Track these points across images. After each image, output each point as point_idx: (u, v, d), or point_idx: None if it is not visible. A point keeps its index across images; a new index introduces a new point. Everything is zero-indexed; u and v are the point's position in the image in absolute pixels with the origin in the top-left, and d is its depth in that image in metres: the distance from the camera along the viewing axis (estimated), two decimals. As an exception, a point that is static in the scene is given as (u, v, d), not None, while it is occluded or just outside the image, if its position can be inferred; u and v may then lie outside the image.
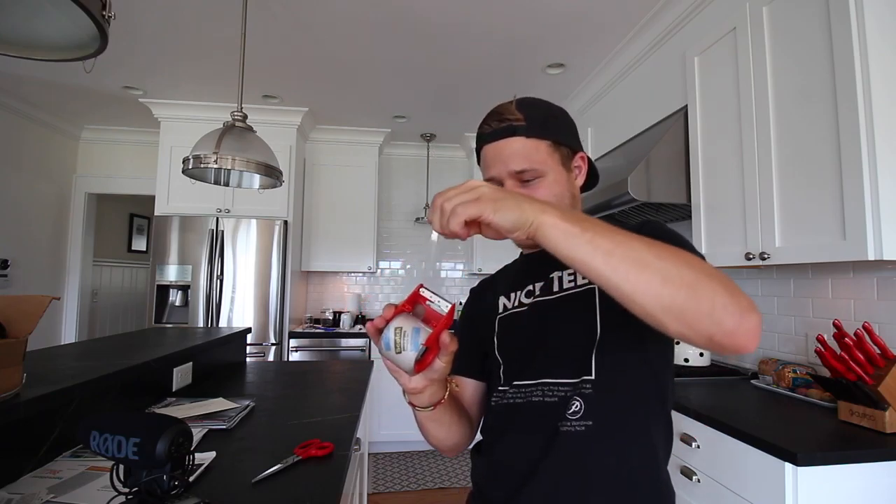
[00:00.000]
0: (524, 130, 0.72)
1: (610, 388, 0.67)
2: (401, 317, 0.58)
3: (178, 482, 0.68)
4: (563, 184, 0.75)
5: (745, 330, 0.48)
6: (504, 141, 0.73)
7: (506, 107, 0.75)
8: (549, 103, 0.79)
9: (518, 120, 0.72)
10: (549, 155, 0.73)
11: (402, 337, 0.56)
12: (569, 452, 0.66)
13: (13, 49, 0.96)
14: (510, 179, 0.73)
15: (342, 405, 1.47)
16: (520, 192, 0.63)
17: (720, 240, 1.75)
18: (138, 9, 2.19)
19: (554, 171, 0.73)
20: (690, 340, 0.50)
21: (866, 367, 1.22)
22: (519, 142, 0.72)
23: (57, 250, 3.78)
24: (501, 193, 0.53)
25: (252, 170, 1.74)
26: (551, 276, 0.77)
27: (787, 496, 1.06)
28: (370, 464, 3.26)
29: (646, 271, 0.48)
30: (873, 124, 1.20)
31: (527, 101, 0.76)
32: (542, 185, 0.72)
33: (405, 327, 0.57)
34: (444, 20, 2.27)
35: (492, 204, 0.51)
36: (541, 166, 0.72)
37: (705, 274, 0.49)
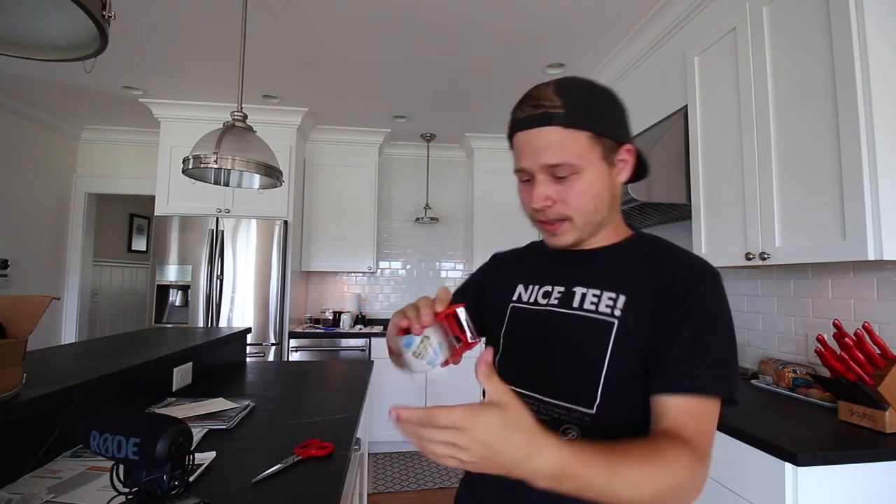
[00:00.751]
0: (561, 119, 0.63)
1: (610, 426, 0.65)
2: (434, 326, 0.59)
3: (178, 482, 0.68)
4: (601, 181, 0.66)
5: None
6: (538, 130, 0.64)
7: (543, 90, 0.65)
8: (595, 85, 0.68)
9: (555, 106, 0.63)
10: (589, 148, 0.64)
11: (426, 347, 0.58)
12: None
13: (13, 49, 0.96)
14: (542, 174, 0.65)
15: (342, 405, 1.47)
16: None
17: (720, 240, 1.75)
18: (138, 9, 2.19)
19: (593, 166, 0.65)
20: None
21: (866, 367, 1.22)
22: (555, 132, 0.63)
23: (57, 250, 3.79)
24: (487, 452, 0.47)
25: (252, 170, 1.74)
26: (574, 289, 0.71)
27: (787, 496, 1.06)
28: (370, 464, 3.26)
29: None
30: (873, 124, 1.20)
31: (568, 84, 0.66)
32: (578, 182, 0.65)
33: (432, 339, 0.59)
34: (444, 20, 2.27)
35: (483, 468, 0.48)
36: (578, 160, 0.64)
37: (675, 494, 0.54)
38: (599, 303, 0.68)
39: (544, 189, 0.66)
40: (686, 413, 0.59)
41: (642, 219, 2.42)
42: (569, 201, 0.66)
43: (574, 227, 0.68)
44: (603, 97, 0.68)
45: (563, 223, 0.68)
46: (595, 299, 0.69)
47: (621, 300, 0.67)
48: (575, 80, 0.68)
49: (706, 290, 0.64)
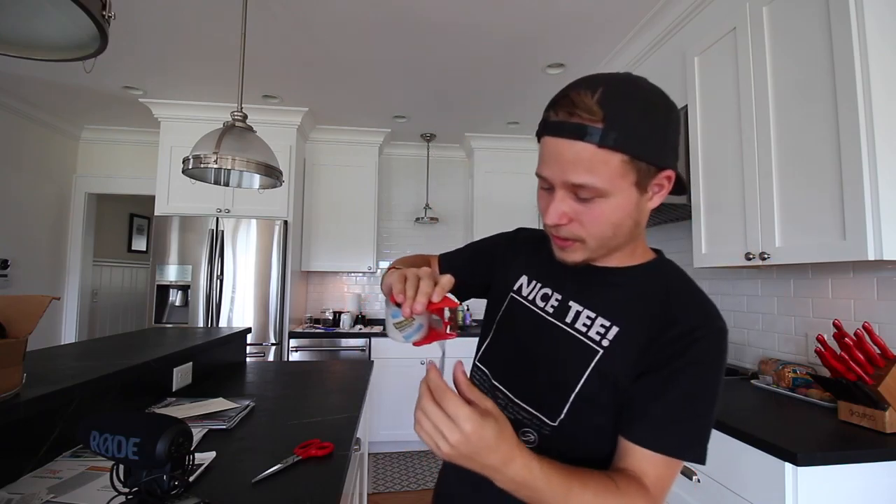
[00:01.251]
0: (598, 136, 0.55)
1: (567, 440, 0.65)
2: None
3: (178, 482, 0.68)
4: (626, 210, 0.60)
5: None
6: (568, 142, 0.56)
7: (584, 97, 0.55)
8: (649, 98, 0.58)
9: (594, 120, 0.55)
10: (621, 174, 0.57)
11: (409, 325, 0.63)
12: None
13: (13, 49, 0.96)
14: (563, 189, 0.59)
15: (342, 405, 1.47)
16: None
17: (720, 240, 1.75)
18: (138, 9, 2.19)
19: (621, 192, 0.58)
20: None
21: (866, 367, 1.22)
22: (587, 150, 0.55)
23: (57, 250, 3.79)
24: (459, 456, 0.51)
25: (252, 170, 1.74)
26: (571, 303, 0.69)
27: (787, 496, 1.06)
28: (370, 464, 3.26)
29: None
30: (873, 124, 1.20)
31: (617, 93, 0.56)
32: (601, 206, 0.58)
33: (416, 321, 0.63)
34: (444, 20, 2.27)
35: (447, 458, 0.52)
36: (605, 185, 0.57)
37: None
38: (591, 327, 0.66)
39: (562, 206, 0.60)
40: (651, 465, 0.59)
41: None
42: (585, 224, 0.61)
43: (586, 248, 0.63)
44: (655, 113, 0.58)
45: (574, 243, 0.63)
46: (588, 321, 0.67)
47: (613, 331, 0.65)
48: (626, 83, 0.58)
49: (708, 350, 0.61)
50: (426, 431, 0.51)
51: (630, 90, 0.57)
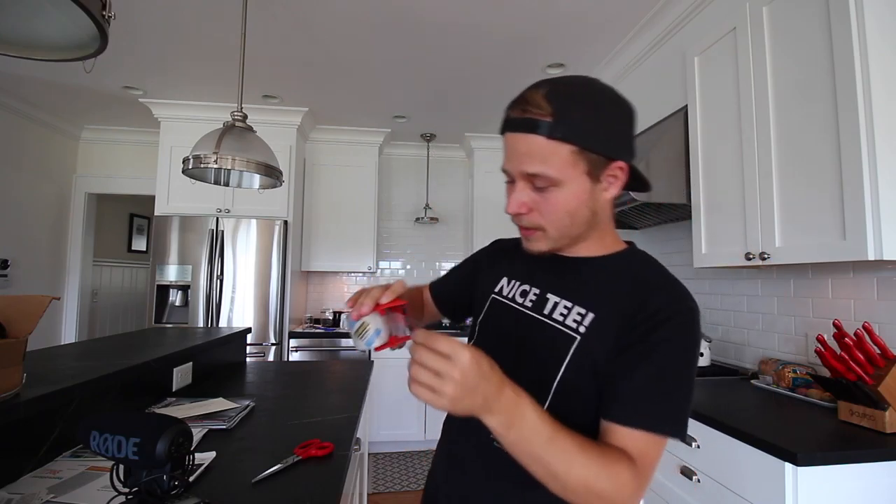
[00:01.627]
0: (547, 129, 0.59)
1: None
2: (373, 315, 0.66)
3: (178, 482, 0.68)
4: (580, 198, 0.64)
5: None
6: (522, 136, 0.62)
7: (534, 93, 0.61)
8: (597, 92, 0.63)
9: (543, 114, 0.60)
10: (572, 163, 0.61)
11: (365, 331, 0.66)
12: (496, 470, 0.69)
13: (13, 49, 0.96)
14: (522, 181, 0.65)
15: (342, 405, 1.47)
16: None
17: (720, 240, 1.75)
18: (138, 9, 2.19)
19: (574, 181, 0.62)
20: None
21: (866, 367, 1.22)
22: (538, 141, 0.60)
23: (57, 250, 3.79)
24: (464, 395, 0.52)
25: (252, 170, 1.74)
26: (548, 295, 0.72)
27: (787, 496, 1.06)
28: (370, 464, 3.26)
29: (552, 481, 0.56)
30: (873, 124, 1.20)
31: (564, 89, 0.62)
32: (556, 195, 0.63)
33: (370, 326, 0.66)
34: (444, 20, 2.27)
35: (446, 405, 0.53)
36: (557, 174, 0.61)
37: (600, 498, 0.56)
38: (568, 315, 0.68)
39: (521, 196, 0.65)
40: (631, 442, 0.60)
41: (642, 219, 2.42)
42: (544, 212, 0.65)
43: (547, 237, 0.67)
44: (603, 107, 0.63)
45: (535, 231, 0.68)
46: (565, 311, 0.69)
47: (589, 317, 0.66)
48: (575, 83, 0.63)
49: (679, 326, 0.62)
50: (425, 382, 0.52)
51: (579, 88, 0.63)
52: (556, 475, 0.55)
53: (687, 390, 0.63)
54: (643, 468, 0.59)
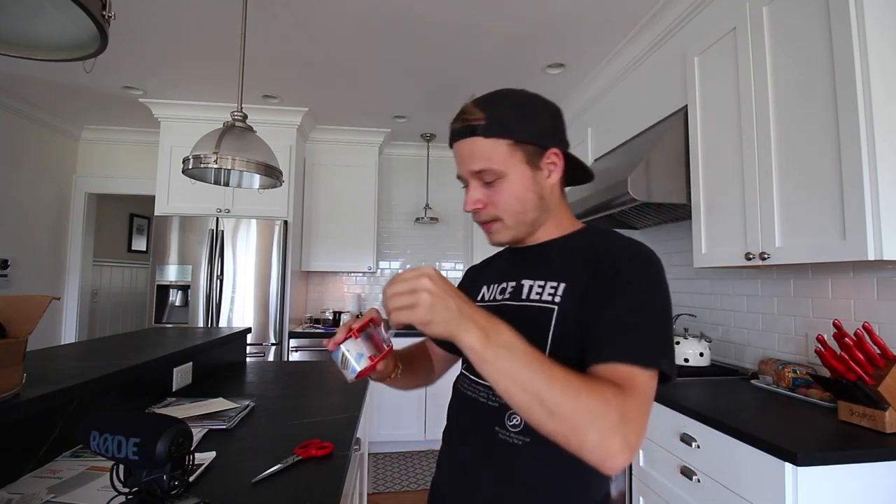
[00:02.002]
0: (483, 130, 0.70)
1: None
2: (350, 341, 0.69)
3: (178, 482, 0.68)
4: (525, 184, 0.72)
5: (607, 467, 0.55)
6: (464, 141, 0.73)
7: (468, 105, 0.73)
8: (521, 97, 0.74)
9: (477, 119, 0.70)
10: (509, 155, 0.71)
11: (347, 360, 0.69)
12: (504, 462, 0.70)
13: (13, 49, 0.96)
14: (472, 179, 0.74)
15: (342, 405, 1.47)
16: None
17: (720, 240, 1.75)
18: (138, 9, 2.19)
19: (516, 171, 0.71)
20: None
21: (866, 367, 1.22)
22: (477, 142, 0.71)
23: (57, 250, 3.79)
24: (438, 299, 0.55)
25: (252, 170, 1.74)
26: (523, 282, 0.77)
27: (787, 496, 1.06)
28: (370, 464, 3.26)
29: (534, 408, 0.55)
30: (873, 124, 1.20)
31: (491, 99, 0.73)
32: (504, 186, 0.72)
33: (351, 352, 0.69)
34: (444, 20, 2.27)
35: (424, 314, 0.55)
36: (499, 167, 0.71)
37: (586, 417, 0.54)
38: (543, 292, 0.73)
39: (475, 194, 0.74)
40: (615, 376, 0.59)
41: (642, 219, 2.42)
42: (496, 203, 0.73)
43: (505, 226, 0.75)
44: (528, 107, 0.73)
45: (494, 223, 0.75)
46: (540, 289, 0.73)
47: (562, 287, 0.71)
48: (502, 93, 0.74)
49: (637, 270, 0.67)
50: (401, 304, 0.56)
51: (505, 95, 0.74)
52: (538, 393, 0.54)
53: (661, 319, 0.64)
54: (631, 392, 0.57)
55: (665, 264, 0.72)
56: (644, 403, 0.59)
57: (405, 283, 0.56)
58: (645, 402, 0.59)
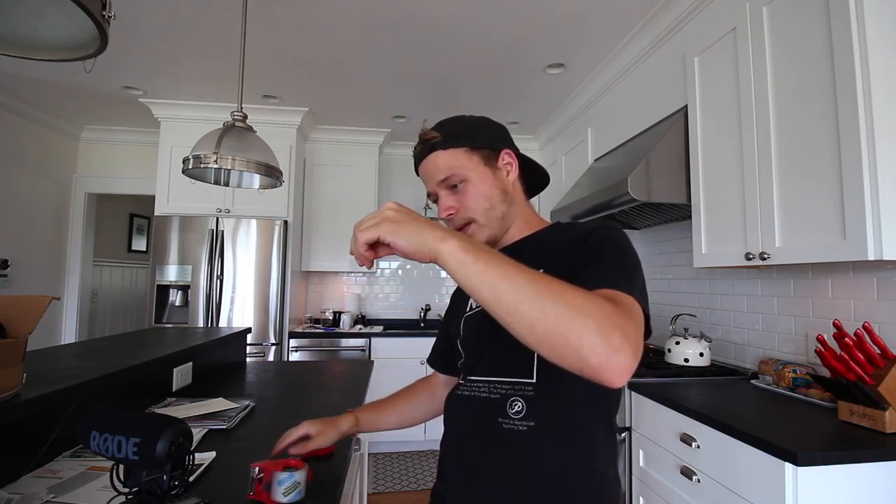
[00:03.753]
0: (441, 144, 0.80)
1: (551, 393, 0.71)
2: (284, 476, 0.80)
3: (178, 482, 0.68)
4: (488, 182, 0.80)
5: (611, 368, 0.48)
6: (427, 159, 0.81)
7: (423, 130, 0.82)
8: (469, 117, 0.85)
9: (434, 137, 0.80)
10: (468, 159, 0.80)
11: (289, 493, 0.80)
12: (510, 450, 0.71)
13: (13, 49, 0.96)
14: (441, 190, 0.81)
15: (342, 405, 1.47)
16: (439, 222, 0.66)
17: (720, 240, 1.75)
18: (138, 9, 2.19)
19: (476, 172, 0.80)
20: (565, 369, 0.51)
21: (866, 367, 1.22)
22: (438, 155, 0.80)
23: (57, 250, 3.78)
24: (404, 216, 0.56)
25: (252, 170, 1.74)
26: None
27: (787, 496, 1.06)
28: (370, 464, 3.26)
29: (524, 305, 0.50)
30: (873, 124, 1.20)
31: (445, 120, 0.84)
32: (469, 187, 0.79)
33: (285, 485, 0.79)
34: (444, 20, 2.27)
35: (391, 226, 0.55)
36: (461, 171, 0.79)
37: (580, 312, 0.49)
38: None
39: (446, 202, 0.81)
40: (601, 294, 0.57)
41: (642, 219, 2.42)
42: (467, 205, 0.80)
43: (480, 226, 0.81)
44: (476, 122, 0.84)
45: (469, 226, 0.81)
46: None
47: (540, 273, 0.71)
48: (450, 118, 0.85)
49: (602, 229, 0.73)
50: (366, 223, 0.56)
51: (453, 118, 0.84)
52: (528, 289, 0.50)
53: (634, 268, 0.67)
54: (620, 303, 0.56)
55: (665, 264, 0.73)
56: (637, 314, 0.57)
57: (370, 214, 0.58)
58: (637, 313, 0.57)
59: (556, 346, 0.49)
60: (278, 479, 0.78)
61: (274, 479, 0.78)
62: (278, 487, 0.78)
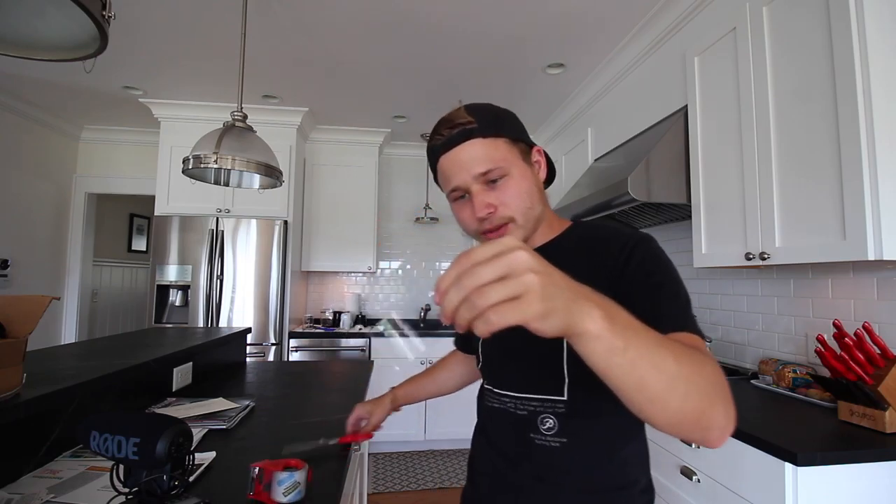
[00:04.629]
0: (479, 131, 0.69)
1: (583, 410, 0.69)
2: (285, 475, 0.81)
3: (178, 482, 0.68)
4: (529, 179, 0.73)
5: (723, 439, 0.49)
6: (460, 146, 0.69)
7: (454, 113, 0.72)
8: (494, 105, 0.77)
9: (470, 122, 0.69)
10: (510, 151, 0.71)
11: (288, 493, 0.80)
12: (542, 463, 0.71)
13: (13, 49, 0.96)
14: (476, 184, 0.69)
15: (342, 405, 1.47)
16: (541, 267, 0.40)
17: (720, 240, 1.75)
18: (138, 9, 2.19)
19: (518, 166, 0.71)
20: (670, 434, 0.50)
21: (866, 367, 1.22)
22: (477, 143, 0.69)
23: (57, 250, 3.78)
24: (552, 289, 0.38)
25: (252, 170, 1.74)
26: None
27: (787, 496, 1.06)
28: (370, 464, 3.26)
29: (670, 395, 0.45)
30: (873, 124, 1.20)
31: (473, 105, 0.74)
32: (510, 183, 0.70)
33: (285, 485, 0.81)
34: (444, 20, 2.27)
35: (541, 308, 0.37)
36: (504, 164, 0.69)
37: (716, 395, 0.48)
38: None
39: (483, 197, 0.69)
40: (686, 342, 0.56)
41: (642, 219, 2.42)
42: (507, 202, 0.70)
43: (518, 226, 0.72)
44: (506, 112, 0.76)
45: (507, 226, 0.71)
46: None
47: None
48: (481, 104, 0.75)
49: (647, 249, 0.68)
50: (498, 300, 0.36)
51: (482, 104, 0.75)
52: (678, 384, 0.44)
53: (686, 295, 0.66)
54: (706, 355, 0.53)
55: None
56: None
57: (492, 268, 0.37)
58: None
59: (682, 423, 0.46)
60: (278, 479, 0.78)
61: (274, 479, 0.78)
62: (278, 487, 0.78)
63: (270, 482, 0.79)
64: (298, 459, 0.86)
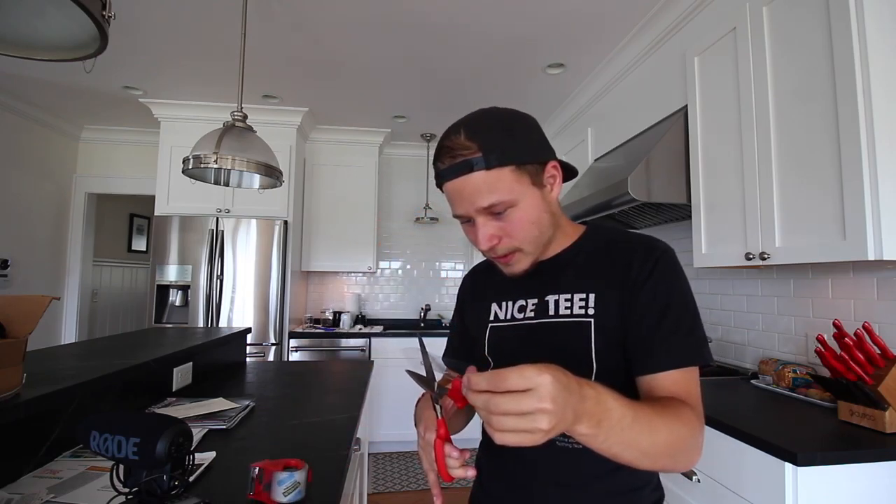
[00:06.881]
0: (483, 163, 0.63)
1: None
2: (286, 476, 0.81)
3: (178, 482, 0.68)
4: (537, 205, 0.68)
5: (690, 467, 0.62)
6: (462, 179, 0.65)
7: (455, 139, 0.65)
8: (503, 117, 0.69)
9: (473, 152, 0.64)
10: (516, 181, 0.65)
11: (289, 492, 0.80)
12: (559, 466, 0.70)
13: (13, 49, 0.96)
14: (481, 216, 0.67)
15: (342, 405, 1.47)
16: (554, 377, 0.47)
17: (720, 240, 1.75)
18: (138, 9, 2.19)
19: (525, 195, 0.66)
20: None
21: (866, 367, 1.22)
22: (479, 176, 0.64)
23: (57, 250, 3.78)
24: (558, 423, 0.46)
25: (252, 170, 1.74)
26: (547, 298, 0.74)
27: (787, 496, 1.06)
28: (370, 464, 3.26)
29: (641, 459, 0.56)
30: (873, 124, 1.20)
31: (477, 125, 0.66)
32: (516, 214, 0.67)
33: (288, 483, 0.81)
34: (444, 20, 2.27)
35: (544, 438, 0.46)
36: (509, 196, 0.65)
37: (680, 448, 0.59)
38: (573, 306, 0.71)
39: (487, 229, 0.68)
40: (673, 384, 0.64)
41: (642, 219, 2.42)
42: (513, 234, 0.68)
43: (525, 254, 0.71)
44: (514, 125, 0.68)
45: (514, 254, 0.71)
46: (568, 303, 0.72)
47: (591, 298, 0.70)
48: (483, 116, 0.68)
49: (667, 264, 0.69)
50: (513, 429, 0.45)
51: (485, 119, 0.68)
52: (645, 451, 0.55)
53: (694, 315, 0.68)
54: (696, 403, 0.64)
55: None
56: (700, 403, 0.66)
57: (517, 402, 0.44)
58: (699, 397, 0.66)
59: (656, 467, 0.59)
60: (278, 479, 0.78)
61: (274, 479, 0.78)
62: (278, 487, 0.78)
63: (270, 482, 0.79)
64: (298, 459, 0.85)
